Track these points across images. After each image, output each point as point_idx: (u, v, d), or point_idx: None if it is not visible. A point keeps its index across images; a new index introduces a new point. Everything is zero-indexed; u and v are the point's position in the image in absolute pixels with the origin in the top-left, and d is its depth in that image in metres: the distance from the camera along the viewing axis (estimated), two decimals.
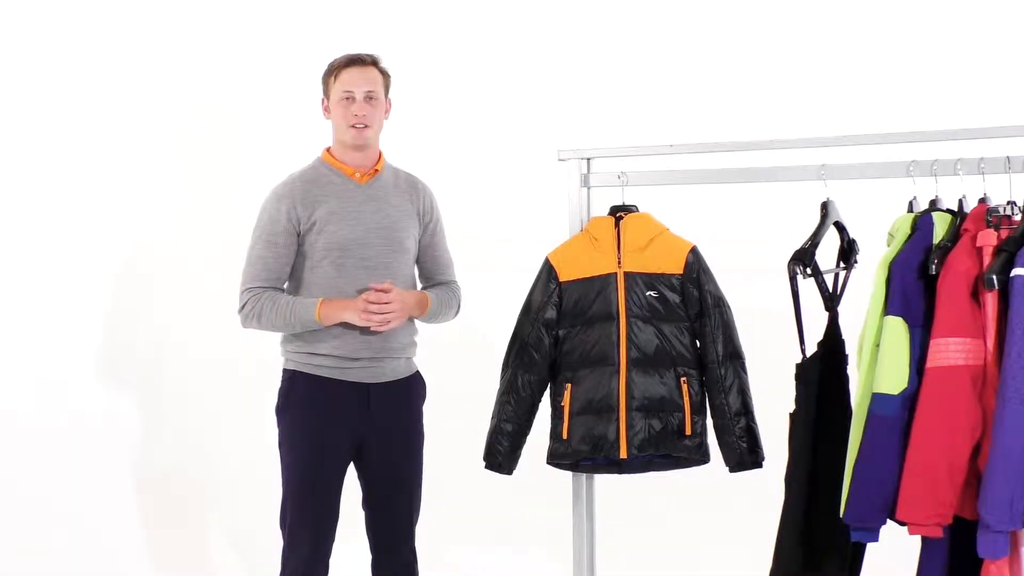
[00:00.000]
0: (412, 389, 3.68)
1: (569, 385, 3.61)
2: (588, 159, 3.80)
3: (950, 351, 2.98)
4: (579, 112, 4.95)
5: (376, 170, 3.65)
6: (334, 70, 3.60)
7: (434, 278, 3.76)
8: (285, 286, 3.61)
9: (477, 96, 5.06)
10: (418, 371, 3.72)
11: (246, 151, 5.03)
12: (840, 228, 3.53)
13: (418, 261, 3.73)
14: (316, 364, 3.55)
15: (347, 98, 3.56)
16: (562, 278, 3.65)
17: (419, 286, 3.75)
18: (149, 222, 5.03)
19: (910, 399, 3.05)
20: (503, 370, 3.71)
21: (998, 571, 2.98)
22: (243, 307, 3.57)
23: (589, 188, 3.80)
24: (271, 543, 3.78)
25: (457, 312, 3.80)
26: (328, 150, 3.66)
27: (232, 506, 5.08)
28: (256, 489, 4.76)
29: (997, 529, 2.91)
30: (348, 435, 3.56)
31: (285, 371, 3.63)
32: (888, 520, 3.11)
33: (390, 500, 3.63)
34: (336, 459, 3.57)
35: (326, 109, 3.64)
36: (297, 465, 3.55)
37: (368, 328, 3.51)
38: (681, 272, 3.60)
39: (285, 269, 3.58)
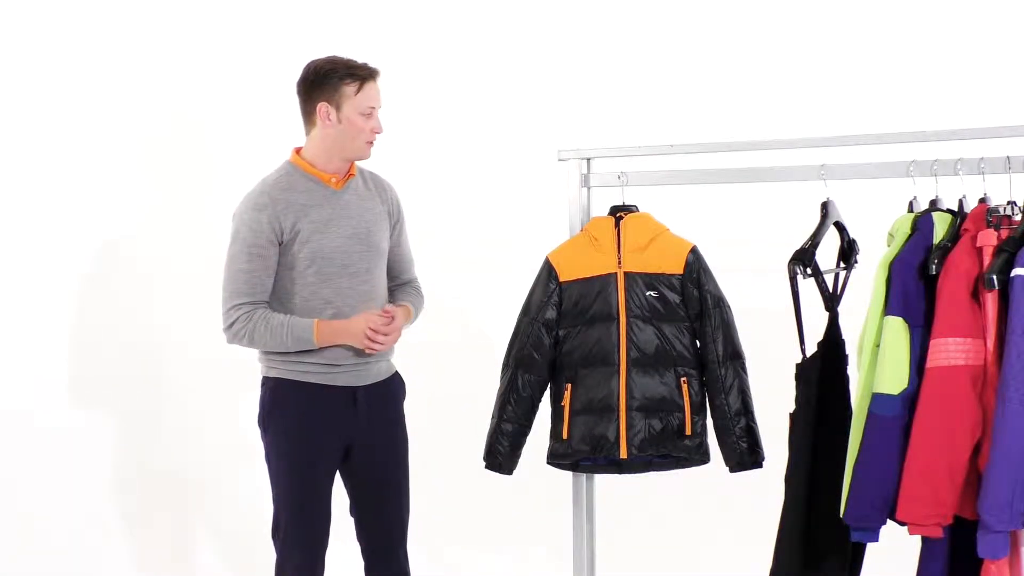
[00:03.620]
0: (394, 389, 3.68)
1: (569, 385, 3.62)
2: (588, 159, 3.80)
3: (950, 351, 2.98)
4: (579, 112, 4.95)
5: (351, 174, 3.59)
6: (358, 79, 3.46)
7: (400, 276, 3.75)
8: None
9: (477, 96, 5.06)
10: (397, 372, 3.71)
11: (242, 147, 5.02)
12: (840, 228, 3.53)
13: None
14: (303, 371, 3.52)
15: (369, 115, 3.48)
16: (562, 278, 3.65)
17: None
18: (143, 220, 5.04)
19: (910, 399, 3.05)
20: (503, 370, 3.71)
21: (998, 571, 2.98)
22: (231, 325, 3.47)
23: (589, 188, 3.80)
24: (267, 545, 3.77)
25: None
26: (298, 153, 3.57)
27: (229, 509, 5.08)
28: (252, 492, 4.76)
29: (997, 529, 2.91)
30: (337, 439, 3.55)
31: (267, 379, 3.56)
32: (888, 520, 3.12)
33: (380, 504, 3.62)
34: (328, 464, 3.55)
35: (326, 116, 3.48)
36: (290, 474, 3.52)
37: None
38: (681, 272, 3.60)
39: (269, 281, 3.50)
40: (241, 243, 3.48)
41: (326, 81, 3.48)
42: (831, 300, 3.43)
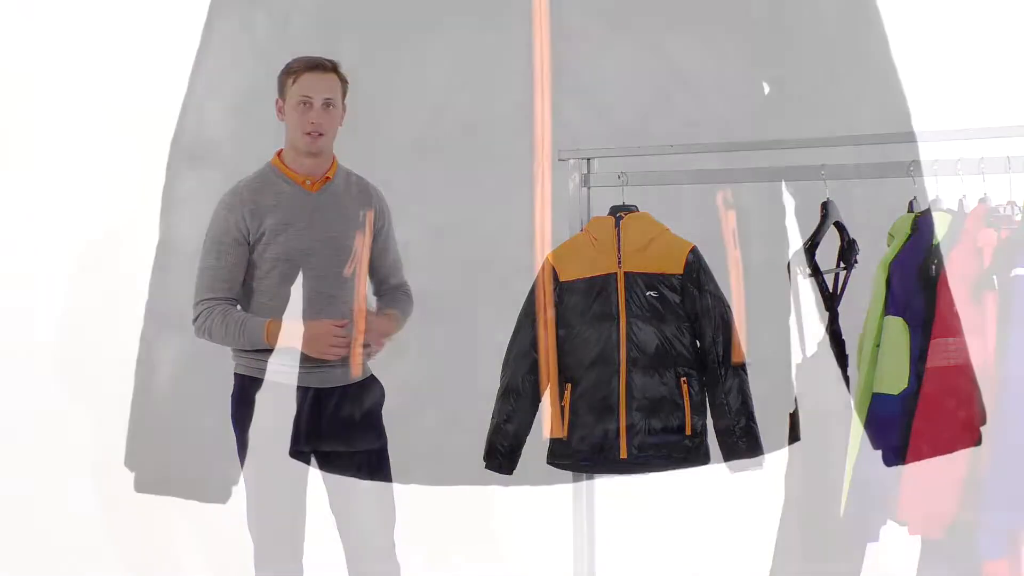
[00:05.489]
0: (365, 393, 3.64)
1: (569, 385, 3.62)
2: (588, 159, 3.80)
3: (950, 351, 2.98)
4: (579, 112, 4.94)
5: (328, 177, 3.59)
6: (293, 72, 3.53)
7: (388, 280, 3.74)
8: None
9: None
10: (373, 375, 3.68)
11: (238, 144, 5.00)
12: (840, 228, 3.54)
13: (372, 266, 3.69)
14: (261, 368, 3.53)
15: (304, 103, 3.50)
16: (562, 278, 3.66)
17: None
18: (140, 218, 5.02)
19: (910, 399, 3.05)
20: (503, 370, 3.71)
21: (998, 571, 2.98)
22: (196, 319, 3.53)
23: (589, 188, 3.80)
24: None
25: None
26: (279, 154, 3.61)
27: (227, 508, 5.07)
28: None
29: (997, 529, 2.91)
30: (300, 439, 3.54)
31: (236, 376, 3.60)
32: (888, 520, 3.12)
33: (353, 509, 3.61)
34: (291, 462, 3.54)
35: (280, 110, 3.58)
36: (255, 468, 3.54)
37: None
38: (681, 272, 3.60)
39: (238, 279, 3.52)
40: (211, 241, 3.53)
41: (279, 78, 3.58)
42: (831, 300, 3.43)
